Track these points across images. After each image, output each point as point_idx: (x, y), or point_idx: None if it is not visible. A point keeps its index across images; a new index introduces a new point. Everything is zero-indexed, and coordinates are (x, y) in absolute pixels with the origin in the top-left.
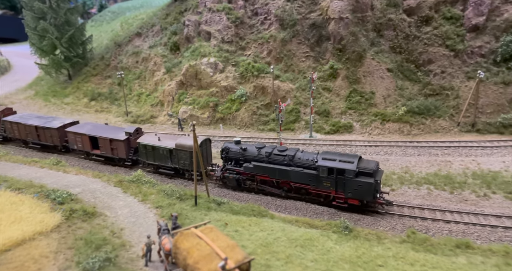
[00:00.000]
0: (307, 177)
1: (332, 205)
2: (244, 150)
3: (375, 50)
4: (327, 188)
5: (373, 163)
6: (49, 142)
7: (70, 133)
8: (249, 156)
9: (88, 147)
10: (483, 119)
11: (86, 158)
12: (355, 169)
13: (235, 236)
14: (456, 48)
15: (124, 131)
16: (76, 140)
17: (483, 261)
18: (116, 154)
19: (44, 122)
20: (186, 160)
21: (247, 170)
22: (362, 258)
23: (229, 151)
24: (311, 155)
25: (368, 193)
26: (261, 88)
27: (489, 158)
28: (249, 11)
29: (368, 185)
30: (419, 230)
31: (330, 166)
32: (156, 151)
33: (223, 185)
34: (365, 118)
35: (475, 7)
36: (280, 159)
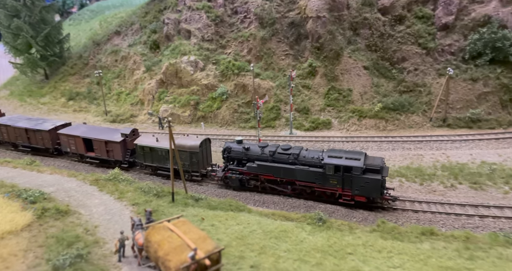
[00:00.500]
0: (313, 175)
1: (339, 203)
2: (247, 149)
3: (351, 49)
4: (334, 185)
5: (379, 159)
6: (40, 144)
7: (62, 135)
8: (253, 155)
9: (82, 150)
10: (454, 115)
11: (80, 161)
12: (363, 165)
13: (211, 230)
14: (428, 46)
15: (120, 132)
16: (69, 142)
17: (445, 246)
18: (112, 156)
19: (34, 125)
20: (186, 160)
21: (251, 170)
22: (333, 247)
23: (231, 150)
24: (316, 153)
25: (375, 189)
26: (242, 86)
27: (458, 151)
28: (229, 9)
29: (375, 181)
30: (389, 220)
31: (336, 164)
32: (155, 152)
33: (224, 185)
34: (343, 115)
35: (444, 6)
36: (284, 158)
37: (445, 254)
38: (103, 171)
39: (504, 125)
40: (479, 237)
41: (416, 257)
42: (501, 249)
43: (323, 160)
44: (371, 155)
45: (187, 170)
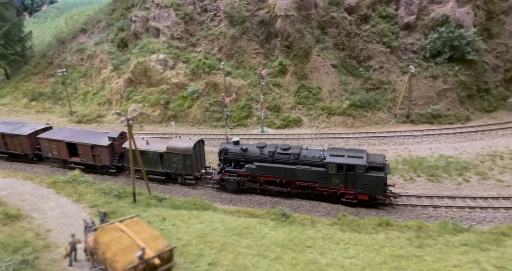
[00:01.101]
0: (315, 175)
1: (341, 202)
2: (245, 150)
3: (320, 47)
4: (336, 184)
5: (381, 156)
6: (18, 150)
7: (43, 140)
8: (251, 156)
9: (66, 155)
10: (416, 111)
11: (63, 167)
12: (366, 163)
13: (172, 229)
14: (392, 45)
15: (107, 136)
16: (51, 147)
17: (398, 236)
18: (99, 161)
19: (12, 129)
20: (179, 163)
21: (250, 171)
22: (293, 241)
23: (228, 152)
24: (317, 152)
25: (379, 187)
26: (213, 85)
27: (419, 145)
28: (198, 7)
29: (379, 179)
30: (350, 213)
31: (340, 162)
32: (145, 156)
33: (220, 188)
34: (313, 112)
35: (406, 6)
36: (284, 158)
37: (398, 243)
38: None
39: (462, 120)
40: (430, 226)
41: (371, 247)
42: (449, 237)
43: (325, 159)
44: None
45: (180, 173)
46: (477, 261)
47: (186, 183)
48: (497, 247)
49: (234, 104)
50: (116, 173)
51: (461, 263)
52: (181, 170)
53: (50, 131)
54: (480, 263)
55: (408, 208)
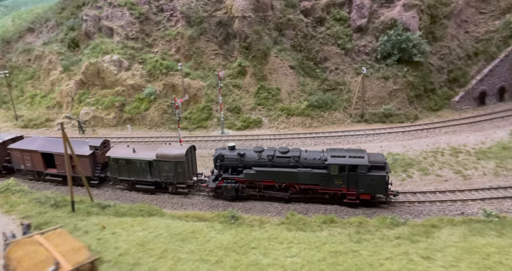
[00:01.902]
0: (316, 177)
1: (343, 203)
2: (242, 156)
3: (278, 49)
4: (338, 186)
5: (380, 155)
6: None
7: (15, 151)
8: (249, 161)
9: (41, 166)
10: (370, 111)
11: (37, 179)
12: (368, 163)
13: (111, 238)
14: (346, 47)
15: (88, 145)
16: (23, 159)
17: (340, 232)
18: (79, 171)
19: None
20: (170, 171)
21: (249, 177)
22: (238, 243)
23: (225, 158)
24: (317, 154)
25: (381, 186)
26: (171, 86)
27: (371, 143)
28: (154, 7)
29: (381, 178)
30: (299, 212)
31: (342, 163)
32: (132, 165)
33: (215, 196)
34: (273, 113)
35: (358, 10)
36: (284, 161)
37: (339, 239)
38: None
39: (411, 119)
40: (370, 221)
41: (313, 245)
42: (386, 231)
43: (327, 160)
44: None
45: (171, 182)
46: (407, 252)
47: (178, 192)
48: (426, 239)
49: (193, 106)
50: (99, 184)
51: (393, 255)
52: (172, 179)
53: (22, 141)
54: (409, 255)
55: None
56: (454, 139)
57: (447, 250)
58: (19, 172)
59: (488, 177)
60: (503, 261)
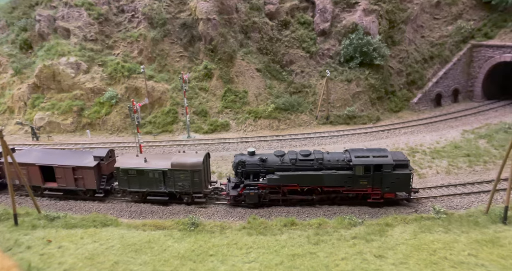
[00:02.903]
0: (342, 179)
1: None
2: (264, 161)
3: (244, 51)
4: (364, 186)
5: (401, 154)
6: None
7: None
8: (272, 166)
9: (39, 180)
10: (335, 113)
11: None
12: (393, 162)
13: (56, 253)
14: (310, 50)
15: (92, 155)
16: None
17: (300, 235)
18: (83, 184)
19: None
20: (186, 181)
21: (272, 182)
22: (196, 251)
23: (246, 164)
24: (339, 155)
25: (406, 184)
26: (134, 90)
27: (335, 145)
28: (114, 7)
29: (406, 176)
30: (262, 216)
31: (367, 163)
32: (144, 175)
33: (235, 204)
34: (240, 116)
35: (321, 14)
36: (307, 164)
37: (298, 242)
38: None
39: (373, 121)
40: (330, 222)
41: (272, 249)
42: (343, 231)
43: (351, 161)
44: (259, 152)
45: (187, 192)
46: (361, 252)
47: (195, 202)
48: (380, 237)
49: (158, 110)
50: (104, 198)
51: (348, 255)
52: (188, 188)
53: (16, 155)
54: (363, 254)
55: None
56: (412, 139)
57: (398, 248)
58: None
59: (440, 175)
60: (447, 256)
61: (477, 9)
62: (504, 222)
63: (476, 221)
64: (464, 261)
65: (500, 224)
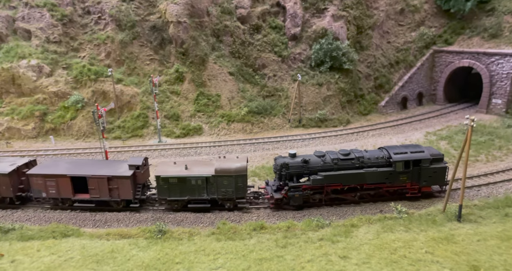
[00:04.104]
0: (383, 175)
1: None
2: (307, 162)
3: (216, 55)
4: (403, 181)
5: (433, 148)
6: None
7: (36, 177)
8: (315, 167)
9: (69, 192)
10: (307, 116)
11: (62, 207)
12: (430, 157)
13: (9, 268)
14: (282, 54)
15: (126, 164)
16: (46, 185)
17: (268, 238)
18: (117, 195)
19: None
20: (229, 186)
21: (317, 182)
22: (162, 260)
23: (289, 166)
24: (377, 153)
25: (442, 177)
26: (102, 93)
27: (306, 148)
28: (79, 9)
29: (442, 169)
30: (232, 220)
31: (407, 159)
32: (186, 183)
33: (277, 207)
34: (213, 120)
35: (291, 19)
36: (349, 163)
37: (266, 246)
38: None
39: (343, 123)
40: (298, 225)
41: (240, 254)
42: (311, 233)
43: (391, 158)
44: (233, 156)
45: (230, 198)
46: (327, 253)
47: (238, 208)
48: (345, 238)
49: (127, 114)
50: (139, 208)
51: (314, 257)
52: (231, 194)
53: (42, 166)
54: (329, 255)
55: None
56: (380, 141)
57: (362, 248)
58: (37, 201)
59: None
60: (406, 254)
61: (438, 16)
62: (459, 219)
63: (434, 220)
64: (422, 259)
65: (455, 221)
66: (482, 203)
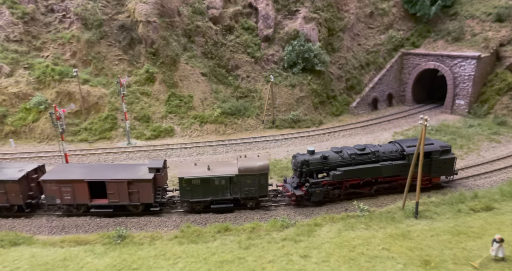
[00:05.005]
0: (397, 168)
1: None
2: (326, 158)
3: (188, 55)
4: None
5: (439, 141)
6: (1, 201)
7: (50, 183)
8: (334, 163)
9: (85, 197)
10: (280, 117)
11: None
12: (440, 148)
13: None
14: (255, 55)
15: (143, 167)
16: (61, 191)
17: (232, 240)
18: (137, 199)
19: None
20: (252, 185)
21: (336, 178)
22: (118, 266)
23: (310, 163)
24: (390, 147)
25: (450, 168)
26: (67, 94)
27: (279, 148)
28: (42, 7)
29: (451, 160)
30: (198, 223)
31: None
32: (210, 183)
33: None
34: (185, 121)
35: (264, 20)
36: (365, 158)
37: (229, 248)
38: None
39: (316, 124)
40: (263, 226)
41: (201, 257)
42: (275, 233)
43: (405, 151)
44: (204, 158)
45: (253, 197)
46: (289, 253)
47: (259, 206)
48: (308, 238)
49: (95, 116)
50: (159, 211)
51: (275, 257)
52: (254, 193)
53: (54, 171)
54: (290, 255)
55: None
56: (350, 141)
57: (323, 247)
58: (50, 208)
59: None
60: (364, 251)
61: (405, 20)
62: (416, 216)
63: (393, 217)
64: (378, 255)
65: (412, 218)
66: (438, 200)
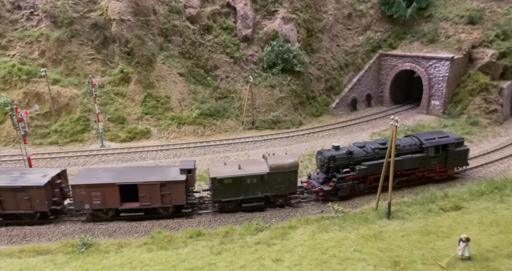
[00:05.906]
0: (417, 161)
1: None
2: (351, 153)
3: (165, 55)
4: (433, 165)
5: (451, 134)
6: (25, 209)
7: (80, 188)
8: (358, 158)
9: (116, 201)
10: (260, 118)
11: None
12: (455, 141)
13: None
14: (234, 55)
15: (175, 168)
16: (90, 196)
17: (204, 245)
18: (169, 201)
19: (13, 180)
20: (282, 183)
21: (362, 172)
22: None
23: (336, 158)
24: (409, 140)
25: (464, 159)
26: (35, 95)
27: (257, 150)
28: (8, 3)
29: (465, 152)
30: (171, 228)
31: (437, 144)
32: (242, 182)
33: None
34: (162, 122)
35: (242, 20)
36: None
37: (200, 253)
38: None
39: (296, 125)
40: (237, 229)
41: (170, 264)
42: (249, 237)
43: (423, 144)
44: (180, 160)
45: (283, 194)
46: (261, 257)
47: (289, 204)
48: (281, 241)
49: (66, 117)
50: (191, 213)
51: (247, 262)
52: (284, 190)
53: (81, 176)
54: (263, 259)
55: None
56: (329, 141)
57: (296, 250)
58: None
59: None
60: (336, 253)
61: (383, 21)
62: (388, 216)
63: (366, 218)
64: (350, 257)
65: (385, 218)
66: (410, 200)
